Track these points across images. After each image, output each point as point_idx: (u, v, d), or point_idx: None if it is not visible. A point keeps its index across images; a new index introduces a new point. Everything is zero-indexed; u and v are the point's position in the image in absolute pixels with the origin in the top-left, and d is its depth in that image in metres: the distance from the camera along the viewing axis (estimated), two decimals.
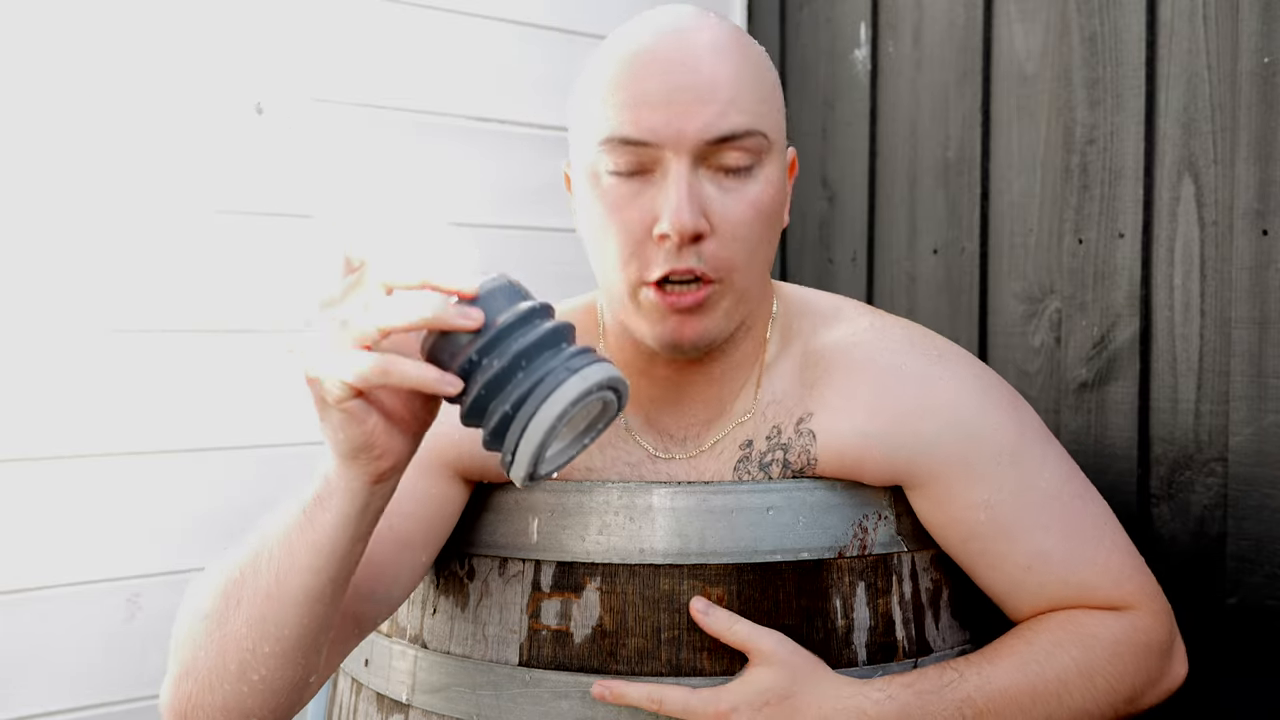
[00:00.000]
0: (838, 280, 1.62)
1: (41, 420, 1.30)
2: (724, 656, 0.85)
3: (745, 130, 0.84)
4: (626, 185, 0.85)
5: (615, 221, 0.85)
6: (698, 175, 0.84)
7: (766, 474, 0.91)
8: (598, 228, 0.87)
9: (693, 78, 0.83)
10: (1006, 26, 1.35)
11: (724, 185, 0.84)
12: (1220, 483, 1.11)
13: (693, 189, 0.83)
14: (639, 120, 0.83)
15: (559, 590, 0.88)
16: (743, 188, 0.85)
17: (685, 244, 0.83)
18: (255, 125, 1.42)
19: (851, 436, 0.90)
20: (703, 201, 0.83)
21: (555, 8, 1.65)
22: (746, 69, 0.86)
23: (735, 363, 0.94)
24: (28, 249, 1.29)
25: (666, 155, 0.83)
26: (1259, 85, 1.07)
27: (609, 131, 0.84)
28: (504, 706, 0.87)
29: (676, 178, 0.83)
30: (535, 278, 1.65)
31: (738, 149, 0.84)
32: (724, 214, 0.84)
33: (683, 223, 0.81)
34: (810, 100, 1.67)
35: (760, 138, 0.85)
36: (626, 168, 0.84)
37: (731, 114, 0.83)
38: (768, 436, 0.92)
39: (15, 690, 1.29)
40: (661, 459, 0.94)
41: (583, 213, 0.90)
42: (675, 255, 0.83)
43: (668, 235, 0.82)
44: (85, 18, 1.31)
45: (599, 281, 0.92)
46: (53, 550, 1.31)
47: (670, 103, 0.82)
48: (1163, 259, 1.17)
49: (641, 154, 0.84)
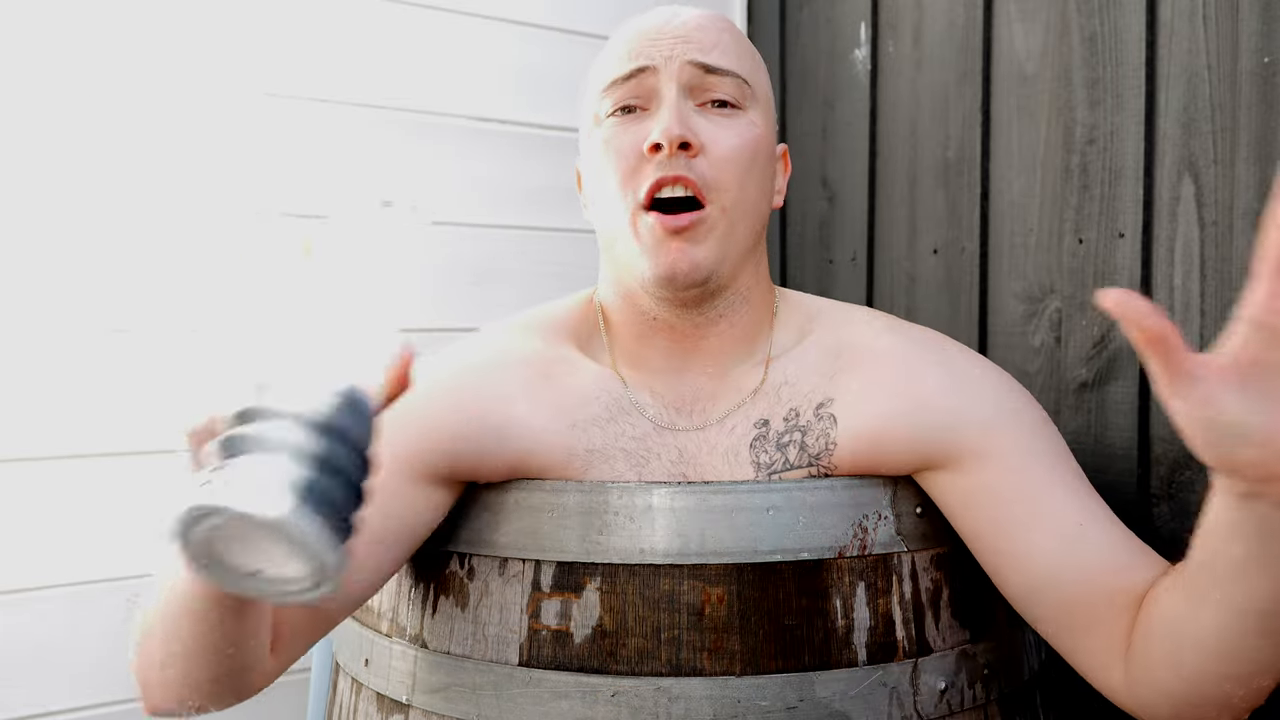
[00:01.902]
0: (838, 280, 1.62)
1: (41, 420, 1.30)
2: (724, 656, 0.85)
3: (729, 68, 0.93)
4: (623, 121, 0.92)
5: (612, 150, 0.92)
6: (687, 105, 0.91)
7: (784, 455, 0.92)
8: (598, 165, 0.94)
9: (682, 26, 0.93)
10: (1006, 26, 1.35)
11: (712, 119, 0.92)
12: None
13: (681, 109, 0.90)
14: (633, 55, 0.92)
15: (559, 590, 0.88)
16: (730, 121, 0.92)
17: (674, 154, 0.89)
18: (255, 125, 1.42)
19: (874, 419, 0.90)
20: (692, 124, 0.91)
21: (555, 8, 1.65)
22: (732, 35, 0.96)
23: (737, 334, 0.96)
24: (28, 249, 1.29)
25: (658, 86, 0.91)
26: (1259, 85, 1.07)
27: (608, 76, 0.93)
28: (504, 706, 0.87)
29: (667, 101, 0.91)
30: (535, 277, 1.67)
31: (722, 86, 0.92)
32: (713, 137, 0.91)
33: (671, 130, 0.88)
34: (810, 100, 1.67)
35: (743, 82, 0.93)
36: (623, 104, 0.92)
37: (716, 53, 0.92)
38: (785, 418, 0.93)
39: (15, 690, 1.29)
40: (668, 430, 0.95)
41: (588, 167, 0.97)
42: (665, 164, 0.89)
43: (659, 145, 0.89)
44: (84, 19, 1.31)
45: (604, 228, 0.96)
46: (53, 550, 1.31)
47: (661, 39, 0.93)
48: (1163, 259, 1.17)
49: (636, 86, 0.92)
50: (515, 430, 0.92)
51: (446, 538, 0.94)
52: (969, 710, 0.92)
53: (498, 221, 1.61)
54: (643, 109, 0.92)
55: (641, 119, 0.92)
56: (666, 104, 0.90)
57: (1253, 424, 0.58)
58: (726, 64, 0.92)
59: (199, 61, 1.39)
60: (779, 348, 0.97)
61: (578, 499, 0.88)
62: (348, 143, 1.49)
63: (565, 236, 1.63)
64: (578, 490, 0.88)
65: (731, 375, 0.96)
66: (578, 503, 0.88)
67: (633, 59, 0.92)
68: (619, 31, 0.97)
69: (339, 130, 1.48)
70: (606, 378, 0.97)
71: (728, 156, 0.91)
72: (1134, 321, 0.58)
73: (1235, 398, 0.58)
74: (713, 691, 0.84)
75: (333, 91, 1.48)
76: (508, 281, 1.61)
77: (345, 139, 1.49)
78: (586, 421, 0.94)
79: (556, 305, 1.03)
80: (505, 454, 0.91)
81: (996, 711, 0.94)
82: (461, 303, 1.58)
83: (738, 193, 0.91)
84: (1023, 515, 0.86)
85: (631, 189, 0.90)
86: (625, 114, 0.93)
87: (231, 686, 0.82)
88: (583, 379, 0.96)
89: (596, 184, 0.95)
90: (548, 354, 0.97)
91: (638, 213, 0.90)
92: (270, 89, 1.43)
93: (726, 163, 0.91)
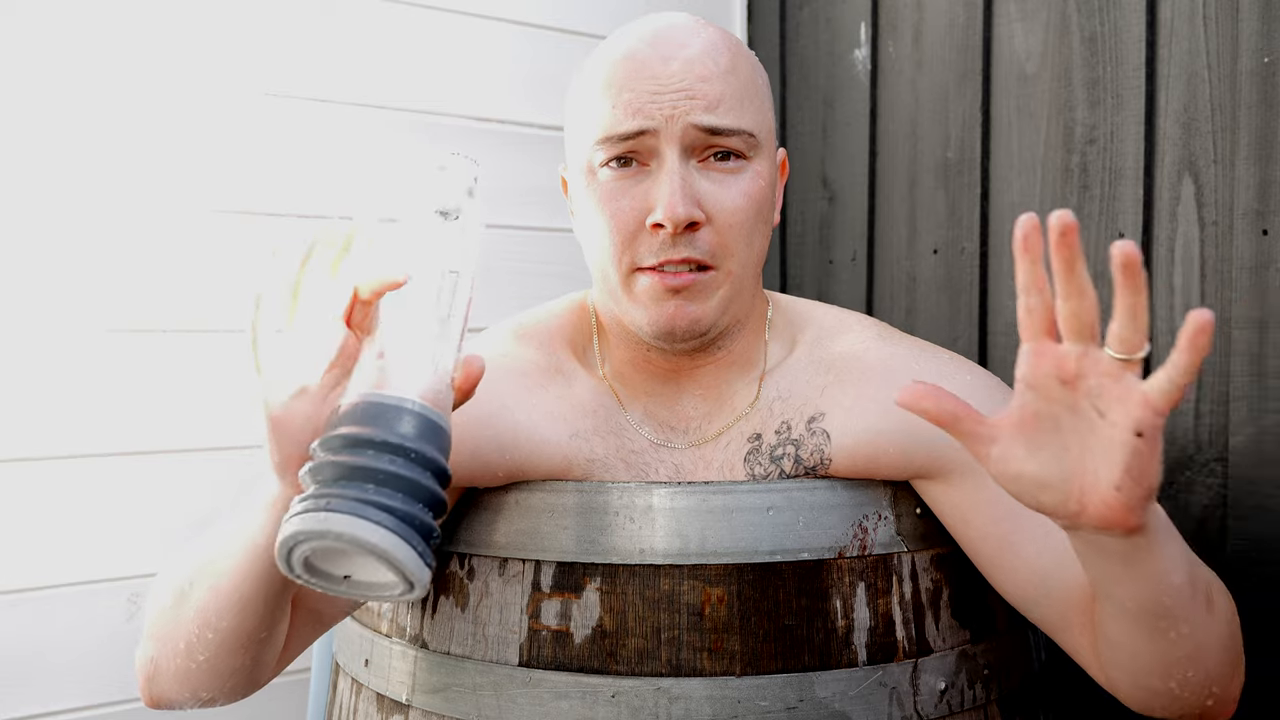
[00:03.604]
0: (838, 280, 1.62)
1: (41, 420, 1.30)
2: (724, 657, 0.85)
3: (734, 128, 0.87)
4: (621, 178, 0.88)
5: (609, 212, 0.88)
6: (689, 168, 0.87)
7: (779, 466, 0.92)
8: (593, 221, 0.90)
9: (685, 74, 0.87)
10: (1006, 26, 1.35)
11: (715, 178, 0.88)
12: (1220, 483, 1.11)
13: (685, 179, 0.86)
14: (633, 112, 0.86)
15: (559, 590, 0.88)
16: (734, 179, 0.88)
17: (679, 233, 0.86)
18: (255, 125, 1.42)
19: (865, 434, 0.90)
20: (696, 192, 0.86)
21: (555, 8, 1.65)
22: (737, 73, 0.89)
23: (732, 359, 0.95)
24: (28, 249, 1.29)
25: (659, 147, 0.86)
26: (1259, 85, 1.07)
27: (605, 128, 0.87)
28: (504, 706, 0.87)
29: (670, 169, 0.86)
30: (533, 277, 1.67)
31: (727, 143, 0.87)
32: (718, 203, 0.87)
33: (676, 212, 0.84)
34: (810, 100, 1.67)
35: (749, 136, 0.88)
36: (621, 161, 0.87)
37: (721, 109, 0.87)
38: (777, 431, 0.93)
39: (15, 690, 1.29)
40: (665, 447, 0.95)
41: (579, 210, 0.93)
42: (670, 245, 0.86)
43: (662, 225, 0.85)
44: (84, 19, 1.31)
45: (594, 275, 0.94)
46: (53, 550, 1.31)
47: (662, 92, 0.86)
48: (1163, 259, 1.17)
49: (635, 145, 0.87)
50: (516, 440, 0.92)
51: (446, 538, 0.94)
52: (969, 710, 0.92)
53: (498, 221, 1.61)
54: (641, 164, 0.88)
55: (640, 178, 0.87)
56: (668, 171, 0.86)
57: (1047, 472, 0.64)
58: (732, 123, 0.87)
59: (199, 61, 1.39)
60: (773, 360, 0.97)
61: (577, 499, 0.88)
62: (348, 143, 1.49)
63: (565, 236, 1.63)
64: (577, 490, 0.89)
65: (726, 395, 0.96)
66: (577, 503, 0.88)
67: (630, 115, 0.86)
68: (612, 56, 0.90)
69: (339, 130, 1.48)
70: (602, 392, 0.97)
71: (733, 223, 0.87)
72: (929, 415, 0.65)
73: (1025, 451, 0.64)
74: (713, 692, 0.84)
75: (333, 91, 1.48)
76: (507, 281, 1.61)
77: (345, 139, 1.49)
78: (588, 431, 0.94)
79: (551, 310, 1.02)
80: (506, 463, 0.91)
81: (996, 712, 0.94)
82: None
83: (744, 254, 0.89)
84: (1014, 528, 0.87)
85: (629, 256, 0.88)
86: (622, 166, 0.88)
87: (250, 678, 0.84)
88: (580, 391, 0.96)
89: (589, 232, 0.91)
90: (544, 363, 0.97)
91: (634, 273, 0.88)
92: (270, 89, 1.43)
93: (732, 230, 0.87)
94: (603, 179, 0.88)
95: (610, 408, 0.96)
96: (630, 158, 0.87)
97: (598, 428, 0.94)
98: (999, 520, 0.87)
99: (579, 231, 0.95)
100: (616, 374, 0.98)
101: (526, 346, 0.98)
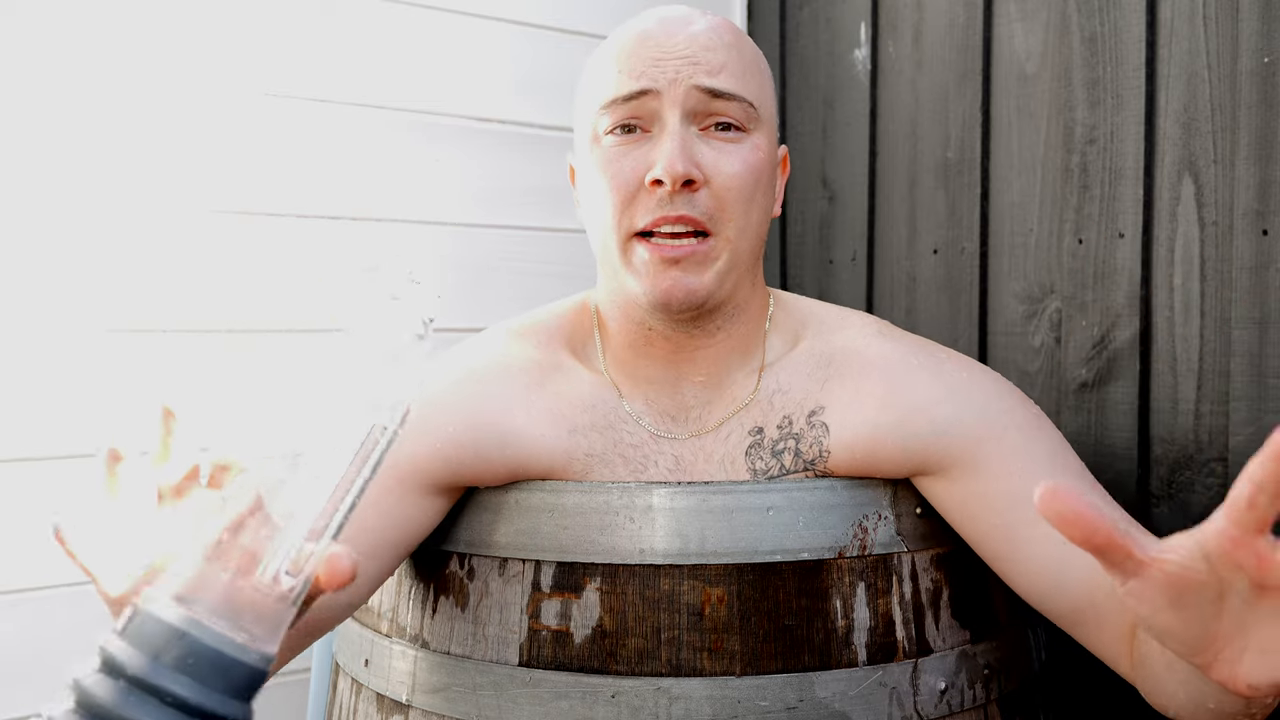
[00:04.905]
0: (838, 280, 1.62)
1: (41, 420, 1.30)
2: (724, 657, 0.85)
3: (736, 93, 0.89)
4: (623, 144, 0.90)
5: (610, 173, 0.89)
6: (690, 132, 0.89)
7: (779, 461, 0.92)
8: (595, 187, 0.91)
9: (689, 44, 0.89)
10: (1006, 26, 1.35)
11: (716, 145, 0.89)
12: (1220, 483, 1.11)
13: (685, 140, 0.88)
14: (637, 75, 0.89)
15: (559, 590, 0.88)
16: (734, 148, 0.89)
17: (677, 191, 0.87)
18: (254, 125, 1.42)
19: (864, 429, 0.91)
20: (695, 154, 0.88)
21: (555, 8, 1.65)
22: (740, 49, 0.92)
23: (732, 345, 0.96)
24: (28, 249, 1.29)
25: (661, 111, 0.88)
26: (1259, 85, 1.07)
27: (609, 93, 0.90)
28: (504, 706, 0.87)
29: (670, 130, 0.88)
30: (533, 278, 1.66)
31: (728, 109, 0.89)
32: (717, 167, 0.88)
33: (675, 168, 0.86)
34: (810, 100, 1.67)
35: (749, 106, 0.90)
36: (624, 125, 0.89)
37: (723, 75, 0.89)
38: (778, 425, 0.93)
39: (15, 690, 1.29)
40: (664, 438, 0.95)
41: (583, 180, 0.95)
42: (667, 202, 0.87)
43: (660, 181, 0.86)
44: (84, 20, 1.31)
45: (596, 249, 0.95)
46: (53, 550, 1.31)
47: (666, 58, 0.89)
48: (1163, 259, 1.17)
49: (638, 109, 0.89)
50: (515, 438, 0.92)
51: (446, 538, 0.94)
52: (969, 710, 0.92)
53: (498, 221, 1.61)
54: (644, 130, 0.89)
55: (642, 142, 0.89)
56: (669, 132, 0.87)
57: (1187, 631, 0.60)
58: (733, 88, 0.89)
59: (198, 62, 1.39)
60: (773, 354, 0.97)
61: (577, 499, 0.88)
62: (347, 143, 1.49)
63: (565, 236, 1.63)
64: (577, 490, 0.89)
65: (726, 384, 0.96)
66: (577, 503, 0.88)
67: (635, 78, 0.89)
68: (620, 35, 0.93)
69: (338, 130, 1.48)
70: (602, 386, 0.97)
71: (732, 186, 0.88)
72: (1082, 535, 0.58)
73: (1167, 602, 0.59)
74: (713, 692, 0.84)
75: (333, 91, 1.48)
76: (508, 282, 1.61)
77: (345, 139, 1.49)
78: (586, 427, 0.94)
79: (552, 310, 1.03)
80: (506, 461, 0.92)
81: (996, 711, 0.94)
82: (461, 303, 1.58)
83: (741, 221, 0.89)
84: (1018, 522, 0.86)
85: (628, 218, 0.89)
86: (625, 133, 0.90)
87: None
88: (579, 387, 0.96)
89: (591, 202, 0.93)
90: (543, 361, 0.97)
91: (631, 240, 0.89)
92: (269, 89, 1.43)
93: (730, 192, 0.88)
94: (606, 145, 0.90)
95: (609, 402, 0.96)
96: (633, 124, 0.89)
97: (596, 423, 0.94)
98: (1004, 513, 0.87)
99: (582, 201, 0.96)
100: (617, 364, 0.98)
101: (525, 345, 0.98)
